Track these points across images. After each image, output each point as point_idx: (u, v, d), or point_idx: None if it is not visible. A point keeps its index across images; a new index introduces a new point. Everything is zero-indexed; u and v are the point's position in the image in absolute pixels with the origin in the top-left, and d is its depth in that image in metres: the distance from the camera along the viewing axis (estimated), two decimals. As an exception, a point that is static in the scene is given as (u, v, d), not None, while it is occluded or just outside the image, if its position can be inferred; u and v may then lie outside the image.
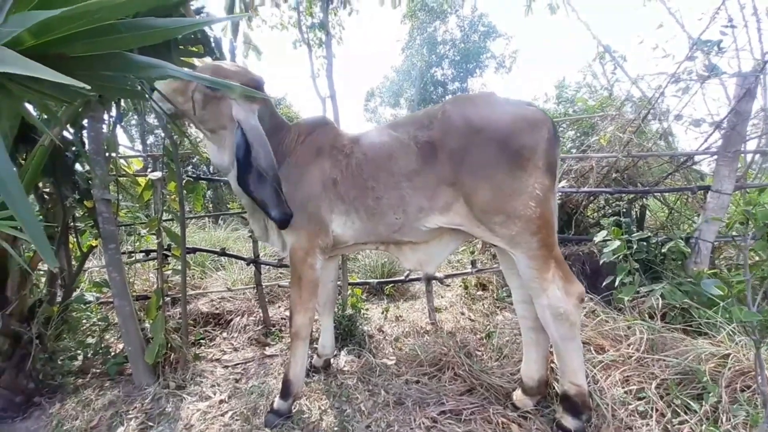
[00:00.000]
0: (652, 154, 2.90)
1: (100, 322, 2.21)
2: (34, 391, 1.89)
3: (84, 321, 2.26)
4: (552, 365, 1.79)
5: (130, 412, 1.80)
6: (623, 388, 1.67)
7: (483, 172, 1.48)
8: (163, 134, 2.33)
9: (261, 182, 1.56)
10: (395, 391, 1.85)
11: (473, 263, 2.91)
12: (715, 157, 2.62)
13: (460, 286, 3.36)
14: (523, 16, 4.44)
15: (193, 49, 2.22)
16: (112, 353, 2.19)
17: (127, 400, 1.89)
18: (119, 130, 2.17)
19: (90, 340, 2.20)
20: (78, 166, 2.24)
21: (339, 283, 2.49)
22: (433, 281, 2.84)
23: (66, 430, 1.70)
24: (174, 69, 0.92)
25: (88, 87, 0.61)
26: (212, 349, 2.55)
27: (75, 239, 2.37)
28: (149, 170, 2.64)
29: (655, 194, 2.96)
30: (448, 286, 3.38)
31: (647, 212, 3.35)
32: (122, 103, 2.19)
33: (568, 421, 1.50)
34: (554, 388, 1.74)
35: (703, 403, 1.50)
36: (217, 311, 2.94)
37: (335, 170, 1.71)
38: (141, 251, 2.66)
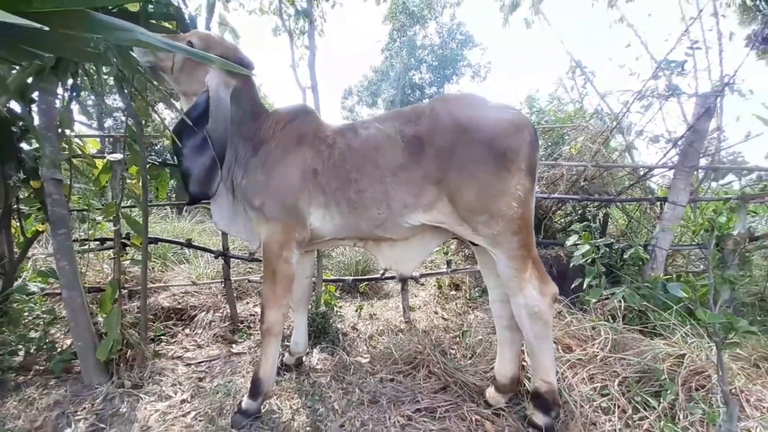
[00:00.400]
0: (617, 165, 3.08)
1: (44, 315, 1.99)
2: (-33, 388, 1.68)
3: (26, 313, 2.03)
4: (523, 363, 1.83)
5: (79, 412, 1.63)
6: (588, 385, 1.74)
7: (470, 172, 1.49)
8: (123, 116, 2.15)
9: (198, 152, 1.53)
10: (369, 390, 1.82)
11: (448, 263, 2.94)
12: (672, 170, 2.82)
13: (434, 285, 3.39)
14: (501, 28, 4.58)
15: (166, 25, 2.07)
16: (58, 349, 1.99)
17: (75, 399, 1.72)
18: (75, 108, 1.97)
19: (33, 334, 1.98)
20: (25, 145, 2.02)
21: (314, 279, 2.42)
22: (409, 280, 2.83)
23: (8, 429, 1.52)
24: (144, 33, 0.83)
25: (47, 28, 0.53)
26: (173, 346, 2.39)
27: (18, 223, 2.14)
28: (107, 152, 2.43)
29: (618, 203, 3.13)
30: (422, 285, 3.39)
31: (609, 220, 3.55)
32: (79, 78, 2.00)
33: (539, 418, 1.54)
34: (525, 385, 1.78)
35: (661, 401, 1.60)
36: (180, 306, 2.76)
37: (317, 160, 1.65)
38: (95, 239, 2.44)
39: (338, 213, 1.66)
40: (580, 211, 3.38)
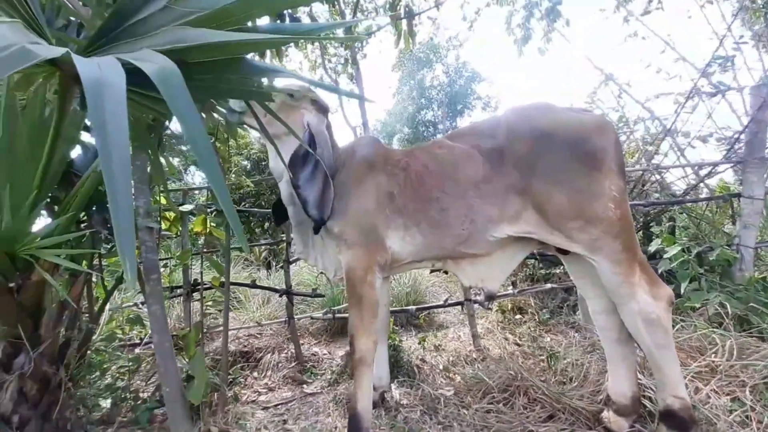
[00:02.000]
0: (677, 165, 2.98)
1: (130, 363, 2.00)
2: (61, 443, 1.65)
3: (108, 363, 2.04)
4: (640, 381, 1.66)
5: (173, 464, 1.57)
6: (718, 398, 1.55)
7: (557, 177, 1.46)
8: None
9: (311, 181, 1.62)
10: (469, 422, 1.68)
11: (513, 284, 2.81)
12: (740, 165, 2.69)
13: (497, 311, 3.23)
14: (517, 58, 4.77)
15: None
16: (140, 398, 1.97)
17: (166, 451, 1.66)
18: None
19: (118, 383, 1.98)
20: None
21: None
22: (475, 307, 2.71)
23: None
24: (290, 73, 0.91)
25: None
26: (245, 390, 2.33)
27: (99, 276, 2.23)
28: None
29: (684, 204, 2.98)
30: (490, 309, 3.23)
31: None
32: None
33: (678, 440, 1.36)
34: (646, 406, 1.60)
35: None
36: (246, 349, 2.73)
37: (391, 184, 1.68)
38: (169, 287, 2.50)
39: (419, 233, 1.65)
40: (642, 220, 3.22)
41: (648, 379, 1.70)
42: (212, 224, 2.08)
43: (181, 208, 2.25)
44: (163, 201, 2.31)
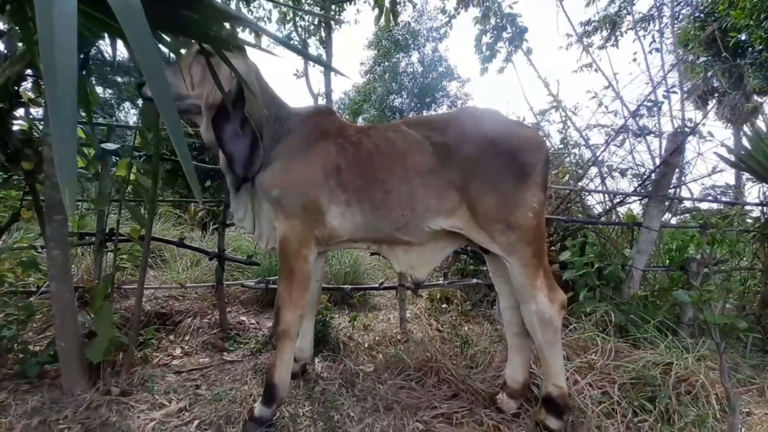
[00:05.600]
0: (598, 190, 3.36)
1: (19, 312, 1.77)
2: None
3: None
4: (531, 370, 1.89)
5: (62, 421, 1.45)
6: (591, 391, 1.83)
7: (492, 182, 1.56)
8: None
9: (239, 137, 1.56)
10: (382, 396, 1.79)
11: (445, 275, 3.00)
12: (646, 199, 3.13)
13: (427, 298, 3.42)
14: (479, 75, 5.00)
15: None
16: (31, 351, 1.77)
17: (55, 407, 1.53)
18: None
19: (4, 332, 1.75)
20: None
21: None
22: (407, 291, 2.85)
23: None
24: (253, 23, 0.85)
25: None
26: (158, 353, 2.21)
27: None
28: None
29: (596, 225, 3.40)
30: (420, 296, 3.40)
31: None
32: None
33: (552, 422, 1.59)
34: (533, 391, 1.83)
35: (657, 404, 1.72)
36: (164, 310, 2.57)
37: (340, 157, 1.66)
38: (78, 233, 2.24)
39: (360, 212, 1.66)
40: (561, 233, 3.61)
41: (539, 369, 1.95)
42: (140, 171, 1.89)
43: (102, 146, 2.00)
44: (81, 133, 2.03)
